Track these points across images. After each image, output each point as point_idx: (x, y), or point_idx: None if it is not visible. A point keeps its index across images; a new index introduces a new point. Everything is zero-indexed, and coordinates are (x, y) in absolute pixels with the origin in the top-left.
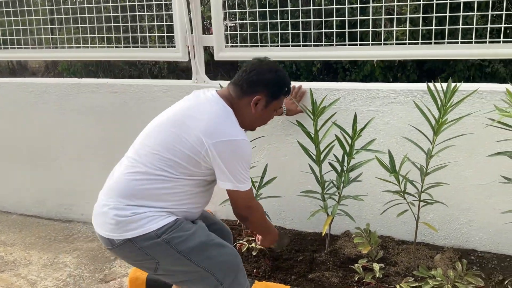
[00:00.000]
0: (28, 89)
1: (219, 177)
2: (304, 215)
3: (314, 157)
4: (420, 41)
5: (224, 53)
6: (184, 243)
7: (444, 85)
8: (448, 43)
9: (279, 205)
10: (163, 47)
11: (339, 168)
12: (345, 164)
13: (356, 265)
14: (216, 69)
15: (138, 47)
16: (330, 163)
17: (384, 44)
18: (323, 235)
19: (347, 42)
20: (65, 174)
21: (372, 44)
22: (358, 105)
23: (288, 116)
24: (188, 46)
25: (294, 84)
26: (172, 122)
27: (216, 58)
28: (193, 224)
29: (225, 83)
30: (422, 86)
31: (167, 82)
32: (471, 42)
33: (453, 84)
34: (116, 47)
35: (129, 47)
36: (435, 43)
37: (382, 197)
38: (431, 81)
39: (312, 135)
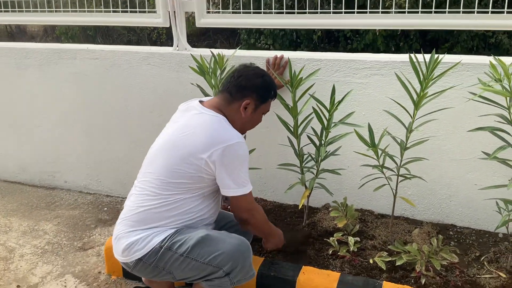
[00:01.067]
0: (9, 54)
1: (220, 184)
2: (285, 187)
3: (292, 129)
4: (420, 10)
5: (206, 20)
6: (184, 245)
7: (428, 56)
8: (449, 12)
9: (261, 177)
10: (144, 12)
11: (318, 142)
12: (323, 137)
13: (331, 238)
14: (215, 35)
15: (118, 11)
16: (308, 136)
17: (387, 12)
18: (299, 208)
19: (331, 10)
20: (47, 141)
21: (381, 12)
22: (341, 77)
23: None
24: (169, 12)
25: (276, 53)
26: (169, 146)
27: (197, 25)
28: (194, 228)
29: (207, 51)
30: (407, 57)
31: (147, 49)
32: (473, 12)
33: (438, 56)
34: (97, 11)
35: (110, 11)
36: (435, 12)
37: (362, 171)
38: (436, 51)
39: (291, 107)
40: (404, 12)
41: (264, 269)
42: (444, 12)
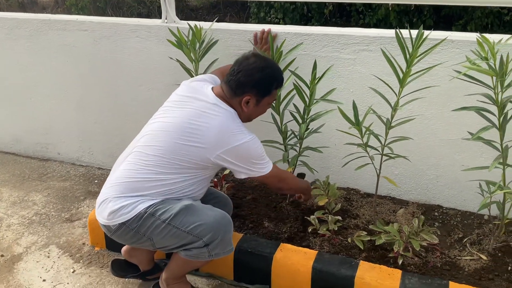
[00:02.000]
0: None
1: (235, 172)
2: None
3: (274, 105)
4: None
5: None
6: (167, 212)
7: (414, 32)
8: None
9: None
10: None
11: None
12: (305, 114)
13: (311, 216)
14: (225, 9)
15: None
16: (291, 113)
17: None
18: None
19: None
20: (40, 112)
21: None
22: (329, 52)
23: None
24: None
25: (263, 27)
26: (179, 129)
27: None
28: (180, 199)
29: (197, 24)
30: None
31: (135, 21)
32: None
33: (426, 33)
34: None
35: None
36: None
37: (349, 149)
38: (450, 28)
39: None
40: None
41: (241, 245)
42: None
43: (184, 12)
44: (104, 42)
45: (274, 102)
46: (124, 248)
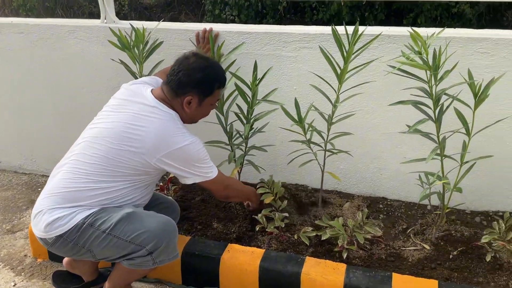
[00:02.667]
0: None
1: (180, 177)
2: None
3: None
4: None
5: None
6: (107, 222)
7: (351, 29)
8: None
9: None
10: None
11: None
12: (249, 114)
13: (259, 215)
14: (180, 6)
15: None
16: (235, 113)
17: None
18: None
19: None
20: None
21: None
22: (271, 50)
23: None
24: None
25: (205, 26)
26: (116, 135)
27: None
28: (120, 207)
29: (138, 23)
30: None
31: (74, 22)
32: None
33: (361, 29)
34: None
35: None
36: None
37: (296, 146)
38: (401, 21)
39: None
40: None
41: (189, 248)
42: None
43: (137, 10)
44: (42, 44)
45: (218, 102)
46: (65, 259)
